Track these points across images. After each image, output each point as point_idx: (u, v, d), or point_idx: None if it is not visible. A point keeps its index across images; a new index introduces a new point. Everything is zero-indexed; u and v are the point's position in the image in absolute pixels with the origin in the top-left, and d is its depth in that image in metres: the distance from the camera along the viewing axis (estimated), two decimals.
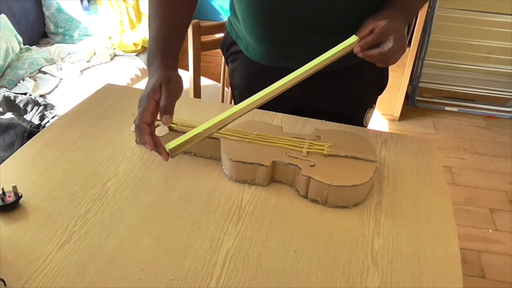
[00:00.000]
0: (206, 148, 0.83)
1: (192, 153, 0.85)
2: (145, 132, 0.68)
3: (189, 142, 0.69)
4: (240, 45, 1.05)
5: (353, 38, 0.78)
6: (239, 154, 0.78)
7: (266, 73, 1.00)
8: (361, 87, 1.06)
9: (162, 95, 0.70)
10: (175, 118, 0.84)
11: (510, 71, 2.69)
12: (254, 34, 0.97)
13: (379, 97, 1.12)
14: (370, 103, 1.10)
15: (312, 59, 0.93)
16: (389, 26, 0.76)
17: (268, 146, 0.81)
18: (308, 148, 0.80)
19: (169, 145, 0.68)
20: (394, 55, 0.77)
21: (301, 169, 0.76)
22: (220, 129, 0.72)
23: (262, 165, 0.77)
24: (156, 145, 0.69)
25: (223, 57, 1.49)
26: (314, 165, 0.77)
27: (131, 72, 2.30)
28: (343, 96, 1.04)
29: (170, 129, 0.81)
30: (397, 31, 0.76)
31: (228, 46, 1.11)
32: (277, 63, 0.98)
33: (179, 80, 0.75)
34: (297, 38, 0.93)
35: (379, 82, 1.09)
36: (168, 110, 0.69)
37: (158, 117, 0.71)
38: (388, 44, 0.76)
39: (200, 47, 1.45)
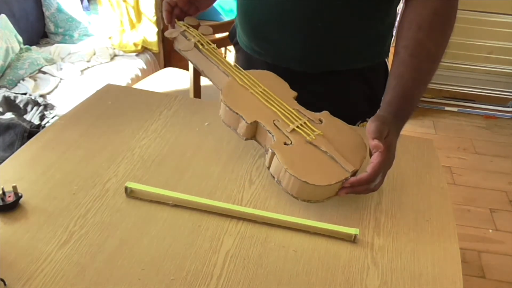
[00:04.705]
0: (215, 78, 0.87)
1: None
2: (165, 8, 0.93)
3: (146, 195, 0.74)
4: (237, 31, 1.06)
5: (355, 231, 0.69)
6: (232, 99, 0.78)
7: (257, 66, 1.00)
8: (346, 98, 0.98)
9: None
10: (187, 23, 0.94)
11: (510, 71, 2.69)
12: (240, 23, 1.00)
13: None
14: (361, 116, 0.99)
15: (292, 59, 0.93)
16: (383, 165, 0.69)
17: (265, 105, 0.78)
18: (298, 127, 0.76)
19: (131, 184, 0.74)
20: (379, 185, 0.72)
21: (275, 141, 0.74)
22: (174, 205, 0.74)
23: (244, 119, 0.76)
24: (170, 21, 0.93)
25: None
26: (289, 144, 0.74)
27: (131, 72, 2.30)
28: (325, 106, 0.96)
29: (181, 32, 0.90)
30: (389, 166, 0.71)
31: (233, 35, 1.12)
32: (260, 56, 0.99)
33: None
34: (273, 35, 0.93)
35: (371, 93, 0.99)
36: None
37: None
38: (376, 181, 0.70)
39: None
